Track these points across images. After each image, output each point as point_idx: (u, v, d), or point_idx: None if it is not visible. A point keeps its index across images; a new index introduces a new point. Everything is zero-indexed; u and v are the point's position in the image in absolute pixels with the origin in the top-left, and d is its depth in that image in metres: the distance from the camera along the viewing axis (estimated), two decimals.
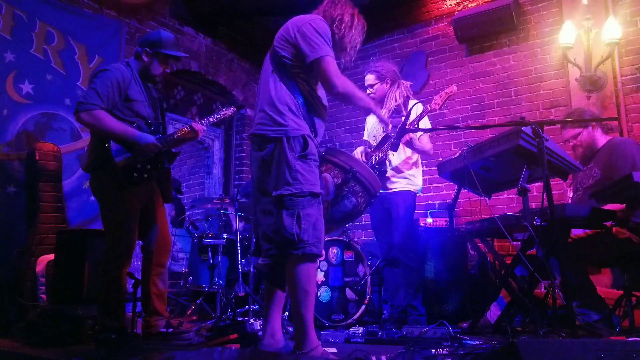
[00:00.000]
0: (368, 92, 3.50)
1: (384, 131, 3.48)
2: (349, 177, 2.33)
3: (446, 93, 3.21)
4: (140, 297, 2.69)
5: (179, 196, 5.75)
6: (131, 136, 2.53)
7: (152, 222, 2.75)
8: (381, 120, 2.96)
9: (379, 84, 3.50)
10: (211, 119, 2.96)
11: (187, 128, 2.84)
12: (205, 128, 2.91)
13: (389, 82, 3.50)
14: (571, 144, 3.13)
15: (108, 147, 2.49)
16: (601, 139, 3.05)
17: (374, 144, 3.48)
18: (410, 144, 3.36)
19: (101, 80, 2.54)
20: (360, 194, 2.36)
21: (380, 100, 3.50)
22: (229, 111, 3.05)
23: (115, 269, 2.55)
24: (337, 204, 2.33)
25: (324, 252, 2.73)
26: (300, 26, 2.22)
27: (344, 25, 2.33)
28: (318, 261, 2.65)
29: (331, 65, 2.18)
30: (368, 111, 2.71)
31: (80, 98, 2.58)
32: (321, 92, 2.34)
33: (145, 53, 2.73)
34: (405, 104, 3.48)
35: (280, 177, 2.10)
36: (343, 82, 2.21)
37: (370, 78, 3.51)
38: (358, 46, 2.44)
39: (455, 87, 3.27)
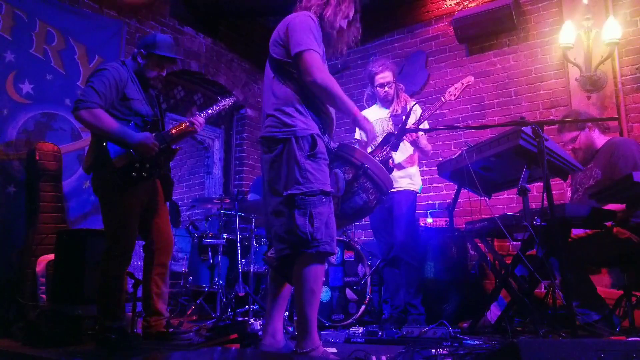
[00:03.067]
0: (385, 89, 3.50)
1: (384, 130, 3.48)
2: (360, 174, 2.32)
3: (462, 84, 3.18)
4: (141, 297, 2.69)
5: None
6: (128, 136, 2.52)
7: (154, 222, 2.74)
8: (365, 129, 2.41)
9: (394, 83, 3.50)
10: (210, 111, 2.93)
11: (186, 122, 2.82)
12: (203, 121, 2.88)
13: (396, 81, 3.53)
14: (570, 147, 3.13)
15: (105, 147, 2.47)
16: (600, 139, 3.05)
17: (374, 143, 3.48)
18: (415, 143, 3.38)
19: (99, 79, 2.53)
20: (371, 190, 2.35)
21: (392, 100, 3.52)
22: (228, 101, 3.02)
23: (115, 269, 2.55)
24: (348, 200, 2.31)
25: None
26: (286, 25, 2.23)
27: (328, 6, 2.30)
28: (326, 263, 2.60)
29: (312, 56, 2.13)
30: (350, 116, 2.32)
31: (79, 97, 2.57)
32: None
33: (140, 55, 2.73)
34: (405, 104, 3.51)
35: (290, 176, 2.10)
36: (323, 75, 2.14)
37: (388, 75, 3.49)
38: (350, 20, 2.36)
39: (472, 78, 3.24)
